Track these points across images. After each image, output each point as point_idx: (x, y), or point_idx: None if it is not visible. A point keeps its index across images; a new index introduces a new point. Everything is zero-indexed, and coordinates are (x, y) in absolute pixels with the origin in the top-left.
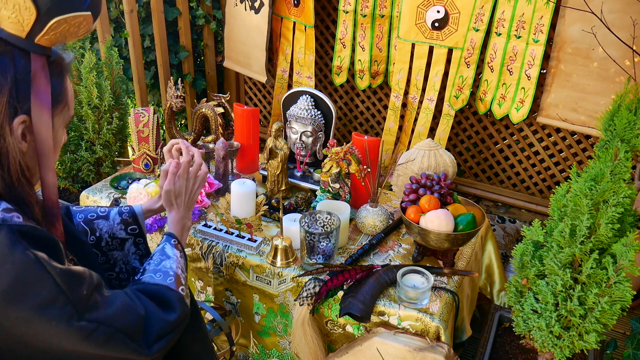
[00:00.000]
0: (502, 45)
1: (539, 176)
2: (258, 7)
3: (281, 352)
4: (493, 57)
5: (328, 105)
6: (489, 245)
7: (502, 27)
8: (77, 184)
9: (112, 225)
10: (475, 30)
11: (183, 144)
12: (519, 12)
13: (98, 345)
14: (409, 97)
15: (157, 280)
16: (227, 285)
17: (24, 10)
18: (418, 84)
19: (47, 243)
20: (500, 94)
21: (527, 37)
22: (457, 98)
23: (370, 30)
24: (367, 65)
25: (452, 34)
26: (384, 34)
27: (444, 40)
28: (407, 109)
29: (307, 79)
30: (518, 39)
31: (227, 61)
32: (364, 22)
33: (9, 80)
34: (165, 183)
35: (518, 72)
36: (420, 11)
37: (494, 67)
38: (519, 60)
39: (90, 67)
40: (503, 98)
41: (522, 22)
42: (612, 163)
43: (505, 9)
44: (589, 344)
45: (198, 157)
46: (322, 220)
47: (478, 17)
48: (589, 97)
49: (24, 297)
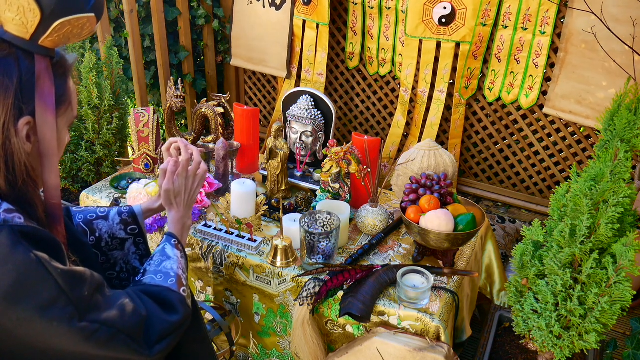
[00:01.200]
0: (509, 37)
1: (539, 176)
2: (280, 3)
3: (281, 352)
4: (500, 48)
5: (328, 105)
6: (489, 245)
7: (509, 20)
8: (77, 184)
9: (111, 226)
10: (483, 25)
11: (181, 142)
12: (525, 7)
13: (99, 346)
14: (418, 91)
15: (158, 282)
16: (227, 286)
17: (28, 12)
18: (427, 78)
19: (48, 244)
20: (509, 82)
21: (534, 29)
22: (466, 88)
23: (379, 20)
24: (376, 52)
25: (459, 29)
26: (391, 24)
27: (451, 35)
28: (417, 102)
29: (317, 76)
30: (525, 31)
31: (234, 59)
32: (372, 12)
33: (15, 82)
34: (164, 182)
35: (525, 61)
36: (427, 8)
37: (501, 57)
38: (526, 50)
39: (90, 67)
40: (511, 86)
41: (529, 16)
42: (612, 163)
43: (511, 3)
44: (589, 344)
45: (197, 156)
46: (322, 220)
47: (485, 13)
48: (592, 90)
49: (25, 298)
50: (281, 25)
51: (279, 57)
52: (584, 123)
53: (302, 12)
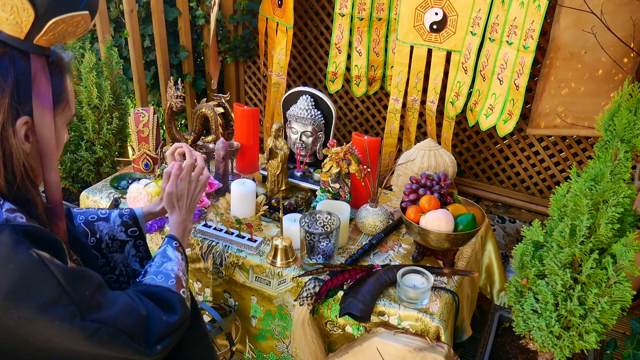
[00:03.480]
0: (495, 52)
1: (539, 176)
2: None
3: (279, 355)
4: (485, 64)
5: (328, 105)
6: (489, 245)
7: (496, 32)
8: (77, 184)
9: (112, 227)
10: (473, 34)
11: (186, 147)
12: (512, 17)
13: (100, 345)
14: (409, 99)
15: (158, 282)
16: (226, 287)
17: (22, 11)
18: (418, 86)
19: (50, 243)
20: (489, 104)
21: (518, 43)
22: (452, 104)
23: (367, 34)
24: (365, 70)
25: (450, 36)
26: (381, 37)
27: (442, 43)
28: (409, 109)
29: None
30: (509, 45)
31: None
32: (360, 25)
33: (10, 82)
34: (168, 185)
35: (508, 81)
36: (419, 13)
37: (485, 75)
38: (509, 68)
39: (90, 67)
40: (491, 109)
41: (514, 27)
42: (612, 163)
43: (499, 13)
44: (589, 344)
45: (201, 161)
46: (322, 220)
47: (475, 21)
48: (579, 100)
49: (27, 297)
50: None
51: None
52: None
53: (276, 14)
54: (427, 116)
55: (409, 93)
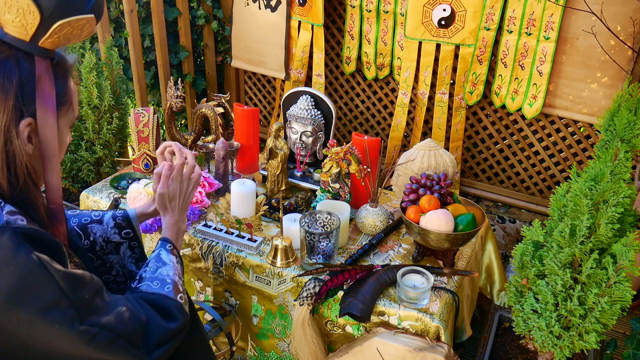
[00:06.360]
0: (514, 42)
1: (539, 176)
2: (275, 5)
3: (280, 354)
4: (506, 53)
5: (328, 105)
6: (489, 245)
7: (513, 24)
8: (77, 184)
9: (105, 229)
10: (487, 29)
11: (176, 146)
12: (529, 11)
13: (100, 349)
14: (417, 93)
15: (154, 289)
16: (227, 286)
17: (27, 14)
18: (427, 80)
19: (50, 246)
20: (513, 88)
21: (538, 34)
22: (471, 94)
23: (376, 25)
24: (373, 57)
25: (458, 31)
26: (389, 29)
27: (450, 37)
28: (417, 104)
29: (317, 77)
30: (529, 36)
31: (235, 60)
32: (369, 16)
33: (15, 83)
34: (159, 186)
35: (529, 67)
36: (427, 10)
37: (507, 62)
38: (530, 56)
39: (90, 67)
40: (516, 92)
41: (533, 20)
42: (612, 163)
43: (515, 7)
44: (589, 344)
45: (191, 159)
46: (322, 220)
47: (489, 17)
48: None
49: (27, 300)
50: (277, 27)
51: (277, 59)
52: (580, 118)
53: (297, 13)
54: (437, 107)
55: (418, 87)
